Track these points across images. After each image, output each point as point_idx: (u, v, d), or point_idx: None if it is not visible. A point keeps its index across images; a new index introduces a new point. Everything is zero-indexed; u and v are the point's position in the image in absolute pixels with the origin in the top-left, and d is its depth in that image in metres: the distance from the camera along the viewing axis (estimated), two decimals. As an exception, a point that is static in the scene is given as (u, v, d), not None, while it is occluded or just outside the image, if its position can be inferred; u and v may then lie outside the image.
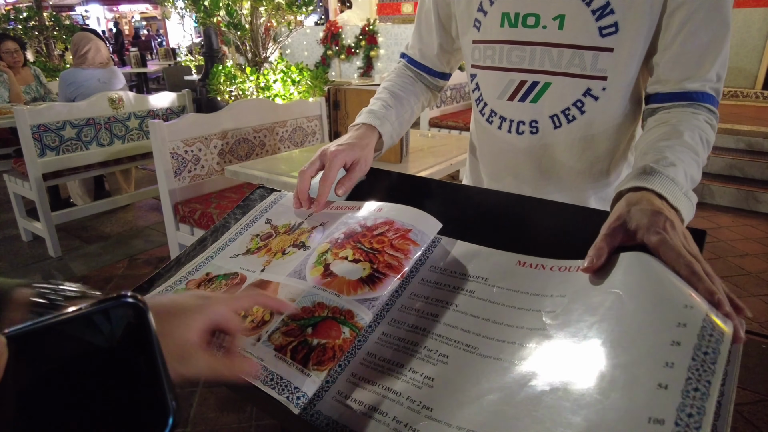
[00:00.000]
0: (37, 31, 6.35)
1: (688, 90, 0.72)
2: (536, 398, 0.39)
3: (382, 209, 0.68)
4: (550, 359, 0.42)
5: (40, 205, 2.83)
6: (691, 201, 0.59)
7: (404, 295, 0.57)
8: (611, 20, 0.72)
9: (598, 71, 0.76)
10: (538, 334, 0.46)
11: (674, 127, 0.68)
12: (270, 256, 0.68)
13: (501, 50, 0.83)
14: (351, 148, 0.79)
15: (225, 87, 3.50)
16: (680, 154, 0.63)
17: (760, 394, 1.79)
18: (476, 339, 0.48)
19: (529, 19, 0.78)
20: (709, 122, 0.71)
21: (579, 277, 0.50)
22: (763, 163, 3.79)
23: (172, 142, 2.19)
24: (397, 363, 0.49)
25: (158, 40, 15.16)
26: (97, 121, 2.99)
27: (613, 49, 0.74)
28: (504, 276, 0.55)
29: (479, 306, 0.52)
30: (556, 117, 0.82)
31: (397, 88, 0.96)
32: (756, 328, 2.20)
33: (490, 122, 0.90)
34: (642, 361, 0.37)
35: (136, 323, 0.29)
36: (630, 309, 0.42)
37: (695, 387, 0.33)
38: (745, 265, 2.77)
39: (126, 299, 0.29)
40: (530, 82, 0.82)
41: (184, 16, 4.37)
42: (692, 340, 0.36)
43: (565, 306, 0.48)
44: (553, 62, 0.78)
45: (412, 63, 1.01)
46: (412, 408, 0.44)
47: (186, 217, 2.25)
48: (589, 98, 0.79)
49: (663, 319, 0.39)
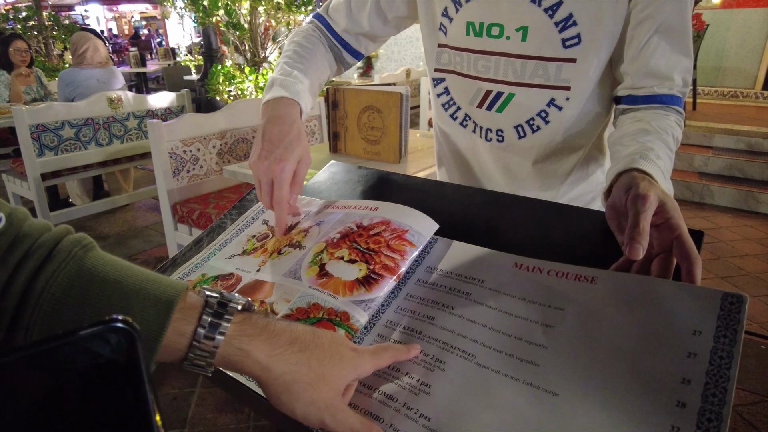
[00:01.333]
0: (36, 30, 6.34)
1: (658, 94, 0.74)
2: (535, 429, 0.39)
3: (379, 208, 0.68)
4: (551, 386, 0.42)
5: (39, 205, 2.82)
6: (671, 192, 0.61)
7: (400, 297, 0.57)
8: (574, 32, 0.73)
9: (562, 81, 0.77)
10: (539, 351, 0.45)
11: (650, 125, 0.70)
12: (266, 256, 0.67)
13: (468, 58, 0.83)
14: (289, 152, 0.68)
15: (224, 87, 3.49)
16: (659, 150, 0.65)
17: (759, 395, 1.78)
18: (473, 346, 0.48)
19: (494, 29, 0.78)
20: (678, 123, 0.74)
21: (577, 288, 0.50)
22: (763, 164, 3.79)
23: (170, 142, 2.18)
24: (393, 366, 0.49)
25: (158, 39, 15.15)
26: (96, 121, 2.99)
27: (576, 60, 0.75)
28: (500, 279, 0.54)
29: (476, 310, 0.52)
30: (520, 127, 0.83)
31: (309, 54, 0.86)
32: (755, 328, 2.19)
33: (465, 126, 0.90)
34: (648, 413, 0.37)
35: (125, 348, 0.28)
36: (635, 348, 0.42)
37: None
38: (745, 265, 2.77)
39: (116, 324, 0.28)
40: (495, 91, 0.82)
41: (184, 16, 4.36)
42: (697, 404, 0.37)
43: (565, 323, 0.47)
44: (517, 73, 0.79)
45: (330, 32, 0.92)
46: (409, 416, 0.43)
47: (184, 217, 2.24)
48: (553, 108, 0.80)
49: (669, 372, 0.40)
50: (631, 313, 0.45)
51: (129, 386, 0.28)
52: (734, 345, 0.39)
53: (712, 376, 0.38)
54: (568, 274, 0.52)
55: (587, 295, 0.49)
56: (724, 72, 6.16)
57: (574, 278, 0.51)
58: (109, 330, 0.27)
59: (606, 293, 0.48)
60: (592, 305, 0.48)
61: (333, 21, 0.92)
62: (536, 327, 0.47)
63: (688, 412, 0.37)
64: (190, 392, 1.85)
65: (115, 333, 0.27)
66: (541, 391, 0.42)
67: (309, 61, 0.85)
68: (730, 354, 0.39)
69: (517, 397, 0.42)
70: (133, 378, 0.28)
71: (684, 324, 0.42)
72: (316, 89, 0.85)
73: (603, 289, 0.49)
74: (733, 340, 0.40)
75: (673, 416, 0.37)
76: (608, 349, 0.43)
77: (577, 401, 0.40)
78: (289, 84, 0.77)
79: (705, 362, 0.39)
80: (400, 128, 1.86)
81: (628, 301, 0.47)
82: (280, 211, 0.68)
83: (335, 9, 0.92)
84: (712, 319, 0.42)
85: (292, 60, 0.84)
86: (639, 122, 0.72)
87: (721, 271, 2.71)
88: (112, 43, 13.08)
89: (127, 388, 0.28)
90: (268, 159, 0.67)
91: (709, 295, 0.44)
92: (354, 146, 2.02)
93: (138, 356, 0.28)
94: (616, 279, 0.50)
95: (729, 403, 0.36)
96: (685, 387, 0.38)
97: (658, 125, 0.70)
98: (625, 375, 0.41)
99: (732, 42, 6.01)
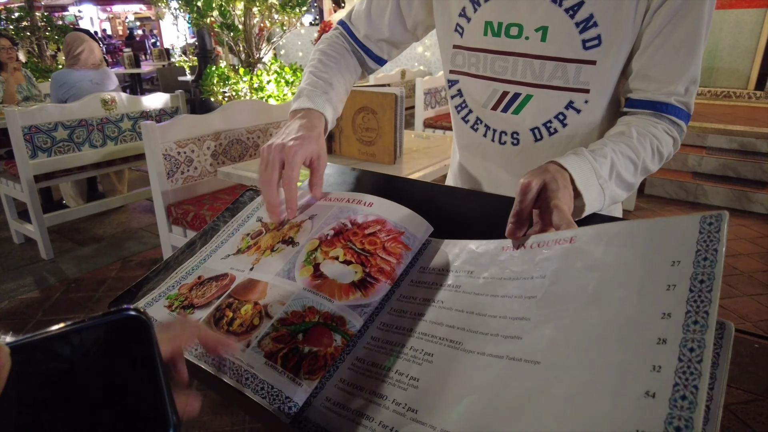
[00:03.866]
0: (29, 31, 6.30)
1: (653, 100, 0.73)
2: (518, 404, 0.38)
3: (373, 204, 0.67)
4: (532, 355, 0.41)
5: (32, 207, 2.81)
6: (604, 192, 0.63)
7: (393, 298, 0.57)
8: (594, 33, 0.72)
9: (581, 84, 0.76)
10: (521, 324, 0.44)
11: (628, 128, 0.70)
12: (259, 254, 0.66)
13: (485, 59, 0.82)
14: (307, 142, 0.69)
15: (218, 88, 3.48)
16: (617, 152, 0.66)
17: (752, 394, 1.79)
18: (460, 334, 0.47)
19: (512, 29, 0.77)
20: (669, 132, 0.72)
21: (557, 253, 0.49)
22: (755, 164, 3.81)
23: (164, 144, 2.18)
24: (384, 366, 0.48)
25: (152, 40, 15.09)
26: (90, 123, 2.97)
27: (596, 62, 0.74)
28: (489, 265, 0.54)
29: (464, 300, 0.51)
30: (537, 130, 0.82)
31: (334, 63, 0.88)
32: (749, 327, 2.21)
33: (476, 129, 0.89)
34: (629, 364, 0.36)
35: (138, 336, 0.29)
36: (614, 297, 0.40)
37: (683, 395, 0.32)
38: (738, 264, 2.79)
39: (128, 313, 0.29)
40: (512, 93, 0.81)
41: (178, 17, 4.35)
42: (678, 335, 0.34)
43: (546, 289, 0.46)
44: (535, 74, 0.78)
45: (352, 38, 0.94)
46: (397, 411, 0.43)
47: (179, 218, 2.23)
48: (571, 111, 0.78)
49: (648, 311, 0.37)
50: (609, 261, 0.43)
51: (143, 370, 0.29)
52: (715, 265, 0.36)
53: (693, 303, 0.35)
54: (548, 243, 0.51)
55: (567, 256, 0.47)
56: (718, 72, 6.19)
57: (554, 243, 0.50)
58: (122, 319, 0.29)
59: (584, 248, 0.47)
60: (571, 264, 0.46)
61: (354, 27, 0.94)
62: (519, 301, 0.46)
63: (669, 347, 0.34)
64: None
65: (127, 321, 0.29)
66: (522, 362, 0.40)
67: (333, 70, 0.86)
68: (711, 275, 0.36)
69: (500, 373, 0.41)
70: (146, 358, 0.29)
71: (662, 257, 0.40)
72: (343, 95, 0.87)
73: (581, 246, 0.47)
74: (714, 260, 0.37)
75: (654, 355, 0.34)
76: (587, 304, 0.41)
77: (558, 364, 0.39)
78: (315, 95, 0.79)
79: (685, 291, 0.36)
80: (395, 129, 1.86)
81: (605, 249, 0.45)
82: (290, 192, 0.67)
83: (357, 15, 0.94)
84: (692, 245, 0.39)
85: (318, 69, 0.86)
86: (623, 125, 0.72)
87: (714, 271, 2.73)
88: (106, 44, 13.01)
89: (142, 372, 0.29)
90: (282, 142, 0.69)
91: (686, 222, 0.41)
92: (348, 147, 2.02)
93: (152, 340, 0.29)
94: (594, 230, 0.48)
95: (712, 328, 0.33)
96: (666, 321, 0.35)
97: (638, 129, 0.70)
98: (604, 324, 0.39)
99: (725, 42, 6.05)
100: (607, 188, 0.63)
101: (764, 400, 1.76)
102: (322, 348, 0.50)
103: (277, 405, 0.46)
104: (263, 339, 0.52)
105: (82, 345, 0.27)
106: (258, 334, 0.53)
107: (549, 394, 0.37)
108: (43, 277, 2.77)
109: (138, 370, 0.29)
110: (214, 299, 0.60)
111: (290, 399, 0.46)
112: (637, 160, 0.67)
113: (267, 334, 0.52)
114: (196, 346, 0.53)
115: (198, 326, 0.51)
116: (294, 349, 0.50)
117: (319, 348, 0.50)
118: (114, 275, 2.77)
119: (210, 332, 0.53)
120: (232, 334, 0.54)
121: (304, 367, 0.48)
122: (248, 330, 0.54)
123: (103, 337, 0.28)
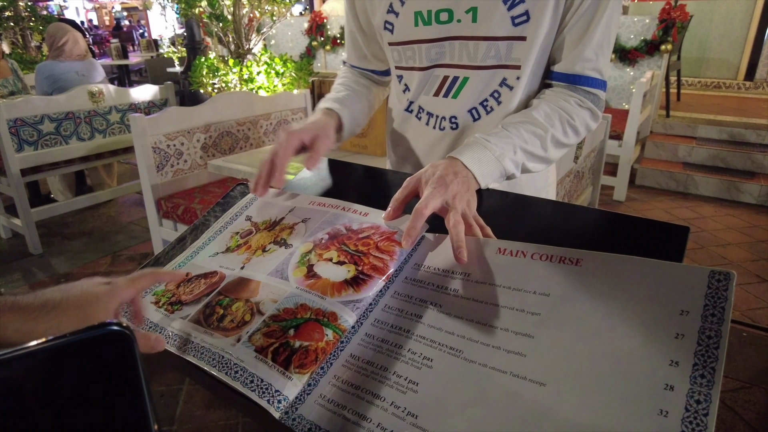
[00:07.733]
0: (12, 21, 6.16)
1: (567, 72, 0.77)
2: (524, 424, 0.38)
3: (369, 215, 0.67)
4: (538, 376, 0.41)
5: (19, 201, 2.76)
6: (502, 164, 0.69)
7: (387, 295, 0.56)
8: (522, 9, 0.74)
9: (513, 60, 0.78)
10: (525, 341, 0.45)
11: (538, 103, 0.76)
12: (250, 253, 0.66)
13: (419, 50, 0.83)
14: (305, 128, 0.78)
15: (208, 79, 3.44)
16: (518, 128, 0.72)
17: (741, 381, 1.82)
18: (461, 341, 0.47)
19: (442, 14, 0.78)
20: (581, 104, 0.77)
21: (562, 272, 0.49)
22: (745, 154, 3.84)
23: (153, 136, 2.15)
24: (380, 366, 0.48)
25: (140, 31, 14.86)
26: (77, 115, 2.92)
27: (525, 38, 0.76)
28: (485, 268, 0.54)
29: (462, 306, 0.51)
30: (474, 110, 0.84)
31: (350, 82, 0.97)
32: (738, 316, 2.23)
33: (419, 118, 0.91)
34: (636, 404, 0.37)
35: (122, 350, 0.28)
36: (621, 333, 0.41)
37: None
38: (728, 254, 2.82)
39: (111, 328, 0.28)
40: (451, 77, 0.83)
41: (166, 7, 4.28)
42: (686, 385, 0.36)
43: (550, 309, 0.46)
44: (470, 56, 0.79)
45: (354, 67, 1.02)
46: (396, 414, 0.43)
47: (169, 212, 2.21)
48: (504, 88, 0.81)
49: (656, 355, 0.39)
50: (617, 295, 0.45)
51: (126, 386, 0.28)
52: (722, 324, 0.38)
53: (701, 357, 0.37)
54: (552, 257, 0.51)
55: (572, 278, 0.48)
56: (707, 63, 6.22)
57: (558, 260, 0.50)
58: (105, 333, 0.28)
59: (591, 275, 0.47)
60: (578, 289, 0.47)
61: (350, 59, 1.02)
62: (522, 316, 0.47)
63: (677, 395, 0.36)
64: (178, 389, 1.83)
65: (111, 336, 0.28)
66: (528, 381, 0.41)
67: (345, 89, 0.95)
68: (719, 333, 0.38)
69: (504, 389, 0.41)
70: (131, 378, 0.28)
71: (671, 304, 0.41)
72: (365, 106, 0.96)
73: (588, 271, 0.48)
74: (721, 318, 0.39)
75: (661, 399, 0.36)
76: (594, 334, 0.42)
77: (565, 390, 0.39)
78: (326, 102, 0.89)
79: (693, 343, 0.38)
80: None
81: (613, 282, 0.46)
82: (281, 163, 0.73)
83: (346, 50, 1.03)
84: (700, 298, 0.41)
85: (335, 91, 0.96)
86: (535, 101, 0.77)
87: (704, 260, 2.76)
88: (93, 35, 12.80)
89: (124, 387, 0.28)
90: (287, 128, 0.77)
91: (696, 274, 0.43)
92: (341, 139, 2.00)
93: (135, 358, 0.28)
94: (602, 260, 0.49)
95: (718, 384, 0.35)
96: (674, 369, 0.37)
97: (549, 105, 0.75)
98: (612, 359, 0.40)
99: (715, 33, 6.07)
100: (504, 159, 0.69)
101: (752, 388, 1.79)
102: (313, 342, 0.50)
103: (267, 398, 0.46)
104: (254, 334, 0.52)
105: (66, 360, 0.27)
106: (249, 330, 0.53)
107: (555, 419, 0.38)
108: (32, 272, 2.73)
109: (121, 383, 0.28)
110: (204, 296, 0.60)
111: (280, 392, 0.46)
112: (543, 133, 0.73)
113: (258, 329, 0.52)
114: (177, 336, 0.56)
115: (156, 271, 0.58)
116: (285, 343, 0.50)
117: (310, 342, 0.50)
118: (104, 270, 2.75)
119: (165, 273, 0.61)
120: (223, 330, 0.54)
121: (295, 362, 0.48)
122: (239, 326, 0.54)
123: (86, 352, 0.28)
